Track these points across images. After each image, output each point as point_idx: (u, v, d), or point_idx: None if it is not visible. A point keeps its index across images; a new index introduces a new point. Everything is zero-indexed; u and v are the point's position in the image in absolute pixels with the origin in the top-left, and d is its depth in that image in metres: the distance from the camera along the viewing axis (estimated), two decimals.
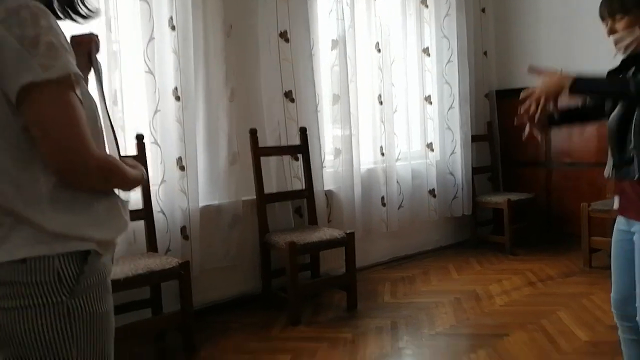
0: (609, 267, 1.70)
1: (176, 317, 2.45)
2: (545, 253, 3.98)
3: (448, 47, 4.26)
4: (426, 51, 4.18)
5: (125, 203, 1.03)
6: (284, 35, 3.24)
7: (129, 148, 2.65)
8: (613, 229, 1.65)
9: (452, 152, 4.29)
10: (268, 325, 2.78)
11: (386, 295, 3.26)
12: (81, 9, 1.01)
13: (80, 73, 0.86)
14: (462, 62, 4.30)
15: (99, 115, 0.97)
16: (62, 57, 0.82)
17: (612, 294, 1.68)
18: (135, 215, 2.59)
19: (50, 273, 0.84)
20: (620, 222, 1.61)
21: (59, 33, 0.85)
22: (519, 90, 4.68)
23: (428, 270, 3.74)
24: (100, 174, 0.89)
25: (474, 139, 4.43)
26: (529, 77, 4.74)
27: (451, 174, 4.29)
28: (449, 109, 4.28)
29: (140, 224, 2.62)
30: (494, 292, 3.21)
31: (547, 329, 2.59)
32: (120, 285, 2.19)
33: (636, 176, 1.44)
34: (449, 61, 4.27)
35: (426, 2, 4.16)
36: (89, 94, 0.95)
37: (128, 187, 1.04)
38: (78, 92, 0.86)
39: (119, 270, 2.27)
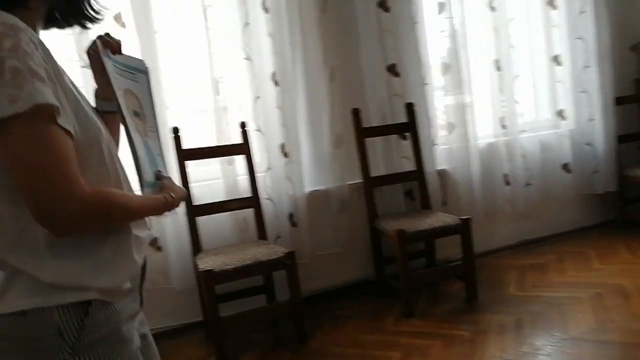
0: None
1: (287, 306, 2.42)
2: None
3: None
4: (551, 3, 3.62)
5: (142, 239, 0.91)
6: (383, 5, 3.01)
7: (233, 137, 2.65)
8: None
9: (590, 119, 3.70)
10: (380, 315, 2.63)
11: (512, 286, 2.90)
12: (88, 12, 0.91)
13: (56, 103, 0.72)
14: (599, 11, 3.65)
15: (102, 141, 0.84)
16: (29, 85, 0.69)
17: None
18: (244, 203, 2.63)
19: (50, 327, 0.75)
20: None
21: (30, 53, 0.71)
22: None
23: (563, 257, 3.27)
24: (90, 217, 0.74)
25: (618, 101, 3.77)
26: None
27: (589, 144, 3.71)
28: (584, 68, 3.68)
29: (250, 212, 2.63)
30: None
31: None
32: (230, 275, 2.23)
33: None
34: (581, 11, 3.66)
35: None
36: (89, 117, 0.82)
37: (138, 218, 0.89)
38: (62, 120, 0.73)
39: (228, 260, 2.29)
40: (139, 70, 1.01)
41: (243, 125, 2.63)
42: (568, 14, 3.63)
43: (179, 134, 2.49)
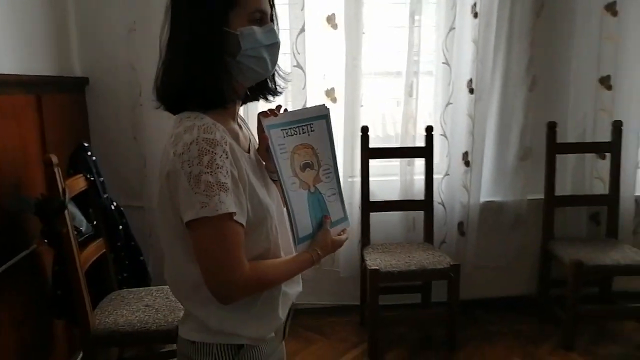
0: None
1: (442, 312, 2.55)
2: None
3: None
4: None
5: (290, 295, 1.13)
6: (611, 8, 2.67)
7: (418, 139, 2.73)
8: None
9: None
10: (537, 340, 2.62)
11: None
12: (273, 91, 1.13)
13: (234, 210, 0.93)
14: None
15: (269, 217, 1.04)
16: (216, 197, 0.91)
17: None
18: (417, 204, 2.74)
19: (210, 356, 1.04)
20: None
21: (221, 166, 0.92)
22: None
23: None
24: (246, 292, 1.00)
25: None
26: None
27: None
28: None
29: (420, 214, 2.74)
30: None
31: None
32: (394, 277, 2.43)
33: None
34: None
35: None
36: (260, 200, 1.01)
37: (284, 281, 1.09)
38: (238, 216, 0.95)
39: (395, 261, 2.47)
40: (316, 118, 1.14)
41: (429, 129, 2.67)
42: None
43: (367, 133, 2.64)
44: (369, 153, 2.66)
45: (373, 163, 2.69)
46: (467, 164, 2.72)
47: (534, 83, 2.70)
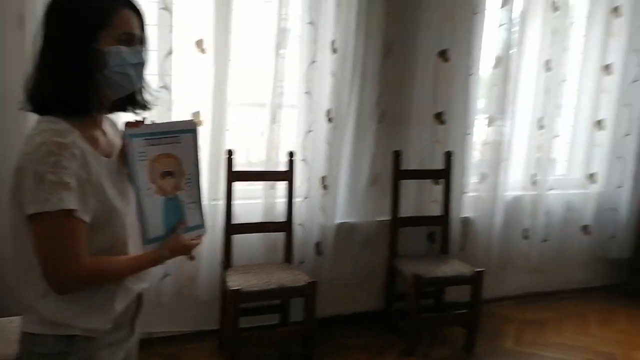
0: None
1: (299, 330, 2.68)
2: None
3: (637, 63, 3.69)
4: (607, 68, 3.67)
5: (133, 290, 1.22)
6: (443, 55, 3.12)
7: (281, 164, 2.85)
8: None
9: (619, 186, 3.81)
10: (383, 351, 2.88)
11: (509, 339, 3.12)
12: (142, 105, 1.25)
13: (75, 207, 1.02)
14: None
15: (116, 217, 1.14)
16: (58, 194, 1.00)
17: None
18: (279, 226, 2.85)
19: (45, 347, 1.10)
20: None
21: (67, 167, 1.01)
22: None
23: (563, 317, 3.46)
24: (83, 284, 1.09)
25: None
26: None
27: (614, 209, 3.83)
28: (625, 135, 3.77)
29: (281, 235, 2.85)
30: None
31: None
32: (254, 296, 2.50)
33: None
34: (634, 80, 3.71)
35: (619, 10, 3.61)
36: (108, 202, 1.11)
37: (126, 277, 1.19)
38: (80, 213, 1.04)
39: (255, 281, 2.54)
40: (183, 131, 1.25)
41: (291, 154, 2.82)
42: (622, 80, 3.69)
43: (232, 156, 2.69)
44: (233, 176, 2.70)
45: (237, 187, 2.74)
46: (325, 187, 2.92)
47: (382, 115, 3.02)
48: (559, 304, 3.67)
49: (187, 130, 1.26)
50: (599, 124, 3.73)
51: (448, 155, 3.17)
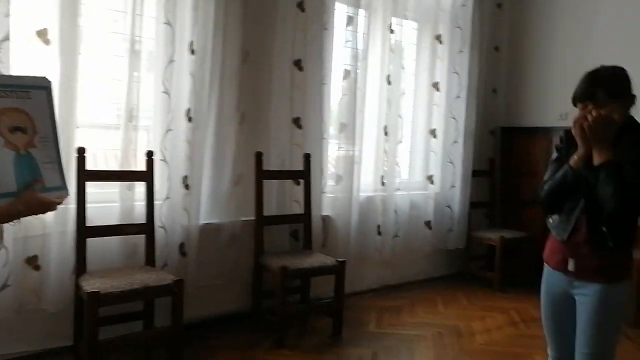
0: None
1: (166, 333, 2.56)
2: (532, 293, 3.98)
3: (458, 83, 4.36)
4: (436, 86, 4.28)
5: None
6: (298, 64, 3.36)
7: (138, 163, 2.76)
8: (542, 286, 1.77)
9: (452, 186, 4.39)
10: (253, 346, 2.89)
11: (372, 324, 3.36)
12: None
13: None
14: (470, 98, 4.40)
15: None
16: None
17: (551, 353, 1.81)
18: (138, 228, 2.73)
19: None
20: (557, 282, 1.71)
21: None
22: (525, 129, 4.80)
23: (415, 302, 3.84)
24: None
25: (475, 174, 4.52)
26: (536, 116, 4.81)
27: (449, 207, 4.39)
28: (453, 143, 4.38)
29: (141, 238, 2.74)
30: (476, 330, 3.31)
31: None
32: (116, 298, 2.33)
33: (610, 244, 1.57)
34: (457, 97, 4.37)
35: (441, 39, 4.26)
36: None
37: None
38: None
39: (116, 283, 2.39)
40: (34, 87, 1.20)
41: (150, 154, 2.75)
42: (447, 96, 4.31)
43: (84, 154, 2.54)
44: (86, 176, 2.55)
45: (91, 190, 2.59)
46: (187, 187, 2.89)
47: (243, 118, 3.13)
48: (411, 292, 4.07)
49: (38, 87, 1.21)
50: (432, 132, 4.29)
51: (307, 157, 3.37)
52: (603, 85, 1.59)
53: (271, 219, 3.24)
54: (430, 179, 4.31)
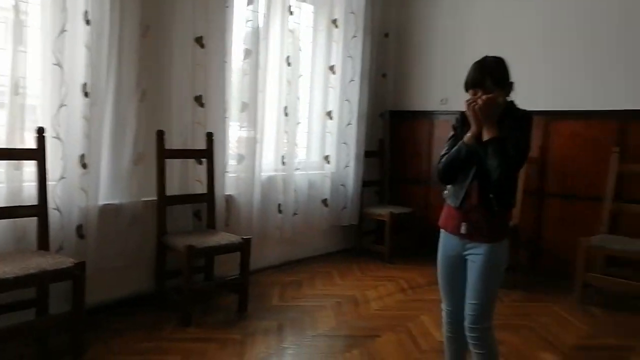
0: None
1: (66, 318, 2.44)
2: (418, 263, 4.48)
3: (352, 67, 4.59)
4: (332, 69, 4.47)
5: None
6: (199, 41, 3.31)
7: (27, 141, 2.55)
8: (439, 251, 2.04)
9: (346, 166, 4.65)
10: (159, 326, 2.86)
11: (275, 298, 3.50)
12: None
13: None
14: (363, 82, 4.66)
15: None
16: None
17: (445, 306, 2.08)
18: (29, 210, 2.53)
19: None
20: (452, 246, 1.98)
21: None
22: (411, 112, 5.22)
23: (315, 275, 4.06)
24: None
25: (367, 154, 4.83)
26: (420, 101, 5.23)
27: (343, 185, 4.64)
28: (347, 125, 4.63)
29: (33, 220, 2.55)
30: (371, 297, 3.60)
31: (411, 331, 3.00)
32: (10, 284, 2.17)
33: (496, 208, 1.85)
34: (351, 80, 4.60)
35: (336, 23, 4.44)
36: None
37: None
38: None
39: (8, 269, 2.21)
40: None
41: (41, 130, 2.56)
42: (342, 79, 4.53)
43: None
44: None
45: None
46: (84, 166, 2.74)
47: (144, 95, 3.02)
48: (310, 266, 4.28)
49: None
50: (328, 114, 4.49)
51: (209, 136, 3.36)
52: (490, 73, 1.85)
53: (173, 198, 3.19)
54: (326, 159, 4.52)
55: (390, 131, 5.16)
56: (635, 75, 3.73)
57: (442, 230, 2.05)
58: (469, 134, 1.87)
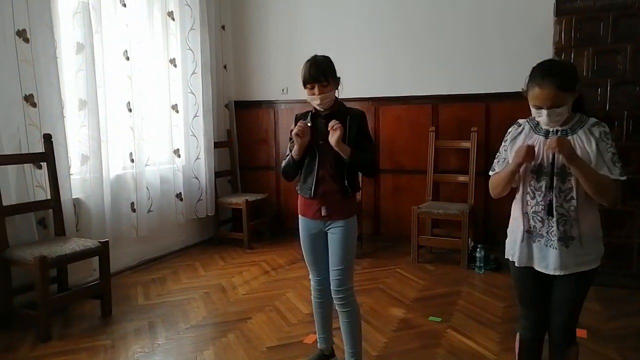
0: None
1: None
2: (276, 245, 4.73)
3: (193, 60, 4.59)
4: (173, 62, 4.42)
5: None
6: (22, 34, 3.02)
7: None
8: (301, 233, 2.31)
9: (197, 158, 4.66)
10: (13, 347, 2.63)
11: (140, 298, 3.42)
12: None
13: None
14: (205, 74, 4.69)
15: None
16: None
17: (314, 277, 2.36)
18: None
19: None
20: (314, 226, 2.25)
21: None
22: (255, 102, 5.45)
23: (177, 270, 4.04)
24: None
25: (216, 145, 4.90)
26: (262, 91, 5.47)
27: (196, 178, 4.66)
28: (194, 117, 4.63)
29: None
30: (237, 283, 3.74)
31: (279, 308, 3.23)
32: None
33: (350, 193, 2.20)
34: (193, 73, 4.60)
35: (172, 15, 4.39)
36: None
37: None
38: None
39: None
40: None
41: None
42: (184, 72, 4.50)
43: None
44: None
45: None
46: None
47: None
48: (172, 262, 4.25)
49: None
50: (174, 108, 4.45)
51: (47, 138, 3.11)
52: (324, 70, 2.12)
53: (12, 208, 2.91)
54: (176, 152, 4.47)
55: (236, 121, 5.29)
56: (444, 65, 4.42)
57: (302, 217, 2.29)
58: (295, 150, 2.18)
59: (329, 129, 2.08)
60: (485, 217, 4.29)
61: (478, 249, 3.90)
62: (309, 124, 2.15)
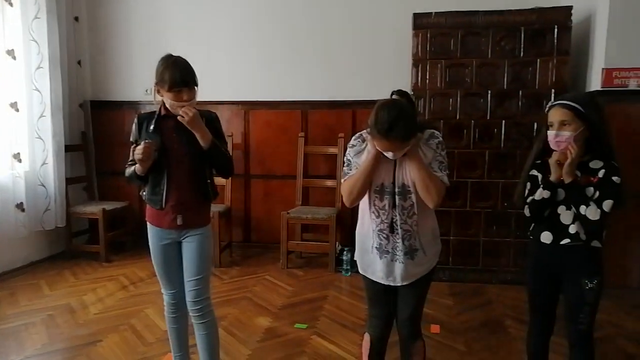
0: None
1: None
2: (138, 257, 4.37)
3: (38, 52, 4.08)
4: (11, 53, 3.88)
5: None
6: None
7: None
8: (152, 244, 2.14)
9: (44, 163, 4.15)
10: None
11: None
12: None
13: None
14: (54, 69, 4.20)
15: None
16: None
17: (167, 291, 2.18)
18: None
19: None
20: (167, 235, 2.08)
21: None
22: (115, 102, 5.06)
23: (15, 291, 3.54)
24: None
25: (68, 148, 4.41)
26: (123, 91, 5.08)
27: (42, 185, 4.14)
28: (40, 117, 4.12)
29: None
30: (89, 302, 3.37)
31: (135, 327, 2.96)
32: None
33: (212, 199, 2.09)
34: (39, 67, 4.10)
35: (10, 1, 3.86)
36: None
37: None
38: None
39: None
40: None
41: None
42: (27, 66, 3.98)
43: None
44: None
45: None
46: None
47: None
48: (9, 282, 3.72)
49: None
50: (14, 106, 3.90)
51: None
52: (191, 73, 1.98)
53: None
54: (17, 157, 3.93)
55: (93, 122, 4.81)
56: (313, 72, 4.46)
57: (153, 226, 2.11)
58: (139, 169, 2.01)
59: (181, 115, 1.95)
60: (352, 220, 4.40)
61: (345, 252, 3.99)
62: (155, 140, 1.99)
